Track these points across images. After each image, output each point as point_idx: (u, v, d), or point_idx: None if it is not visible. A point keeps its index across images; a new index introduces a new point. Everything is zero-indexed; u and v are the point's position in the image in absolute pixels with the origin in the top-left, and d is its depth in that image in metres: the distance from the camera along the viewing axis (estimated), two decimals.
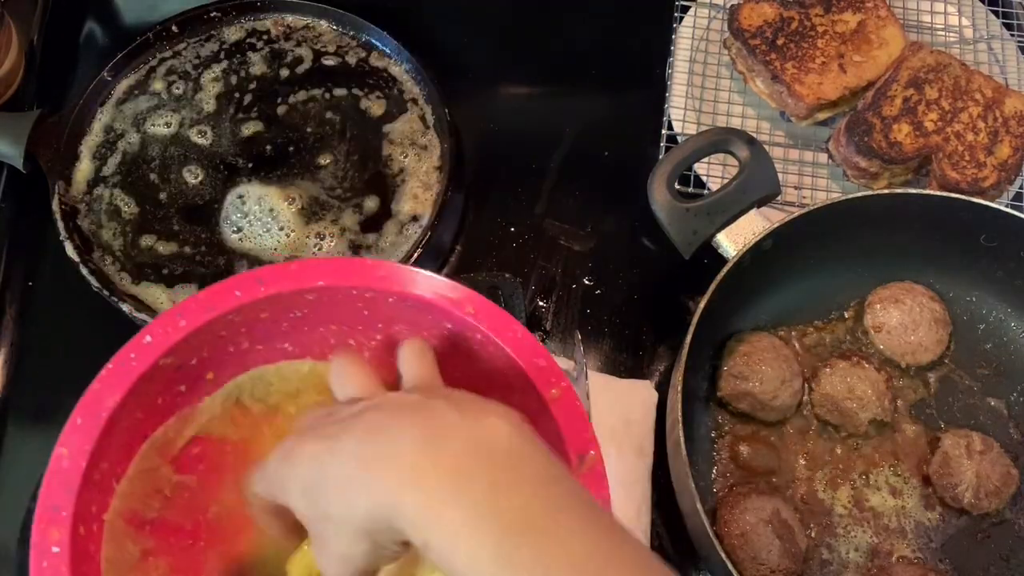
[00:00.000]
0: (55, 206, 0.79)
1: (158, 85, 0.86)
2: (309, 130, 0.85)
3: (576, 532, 0.41)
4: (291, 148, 0.84)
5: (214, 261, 0.79)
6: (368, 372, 0.50)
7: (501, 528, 0.40)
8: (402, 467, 0.41)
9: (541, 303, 0.83)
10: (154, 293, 0.77)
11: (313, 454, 0.44)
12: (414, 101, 0.87)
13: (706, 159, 0.79)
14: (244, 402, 0.62)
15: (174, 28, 0.87)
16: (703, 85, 0.89)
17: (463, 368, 0.59)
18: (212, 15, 0.89)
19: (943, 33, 0.93)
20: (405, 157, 0.84)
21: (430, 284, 0.57)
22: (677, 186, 0.73)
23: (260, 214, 0.80)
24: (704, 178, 0.84)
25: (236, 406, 0.61)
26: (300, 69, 0.88)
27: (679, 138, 0.86)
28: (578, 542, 0.41)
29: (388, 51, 0.88)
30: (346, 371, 0.50)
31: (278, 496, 0.46)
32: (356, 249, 0.79)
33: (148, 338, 0.54)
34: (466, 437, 0.42)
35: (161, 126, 0.85)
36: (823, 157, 0.86)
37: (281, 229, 0.79)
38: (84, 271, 0.76)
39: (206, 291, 0.56)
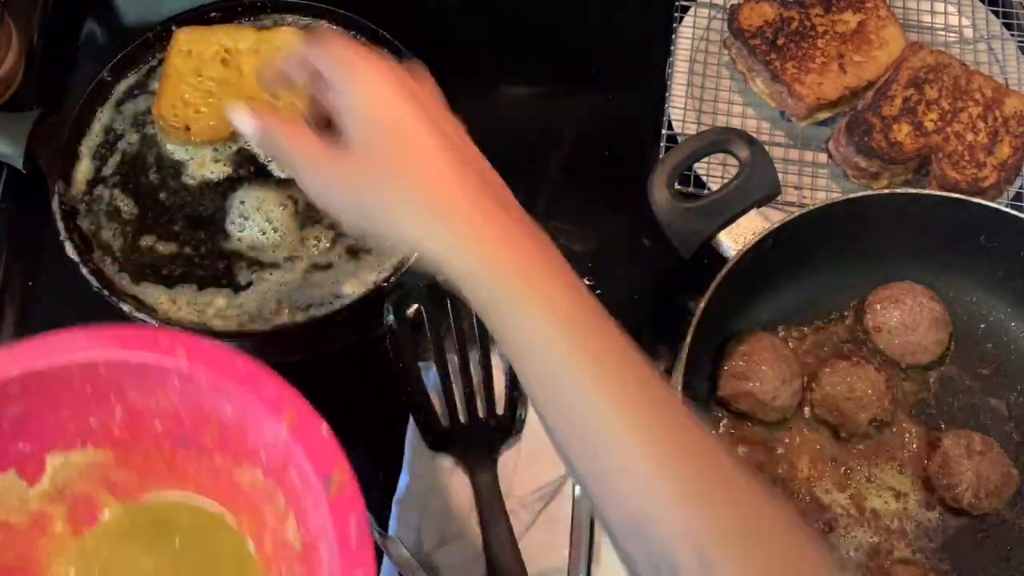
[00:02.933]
0: (55, 206, 0.79)
1: (158, 85, 0.86)
2: None
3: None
4: None
5: (214, 263, 0.79)
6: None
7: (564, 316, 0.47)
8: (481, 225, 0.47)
9: None
10: (154, 293, 0.77)
11: (428, 139, 0.49)
12: None
13: (706, 159, 0.79)
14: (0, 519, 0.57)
15: (174, 28, 0.87)
16: (703, 85, 0.89)
17: (214, 419, 0.56)
18: (212, 15, 0.89)
19: (943, 33, 0.93)
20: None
21: (132, 338, 0.54)
22: (677, 186, 0.73)
23: (259, 217, 0.80)
24: (704, 178, 0.84)
25: None
26: None
27: (679, 138, 0.86)
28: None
29: (388, 51, 0.88)
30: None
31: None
32: (355, 252, 0.78)
33: None
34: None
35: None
36: (823, 157, 0.86)
37: (275, 231, 0.79)
38: (84, 271, 0.76)
39: None
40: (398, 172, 0.48)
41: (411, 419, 0.74)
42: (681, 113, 0.88)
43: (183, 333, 0.55)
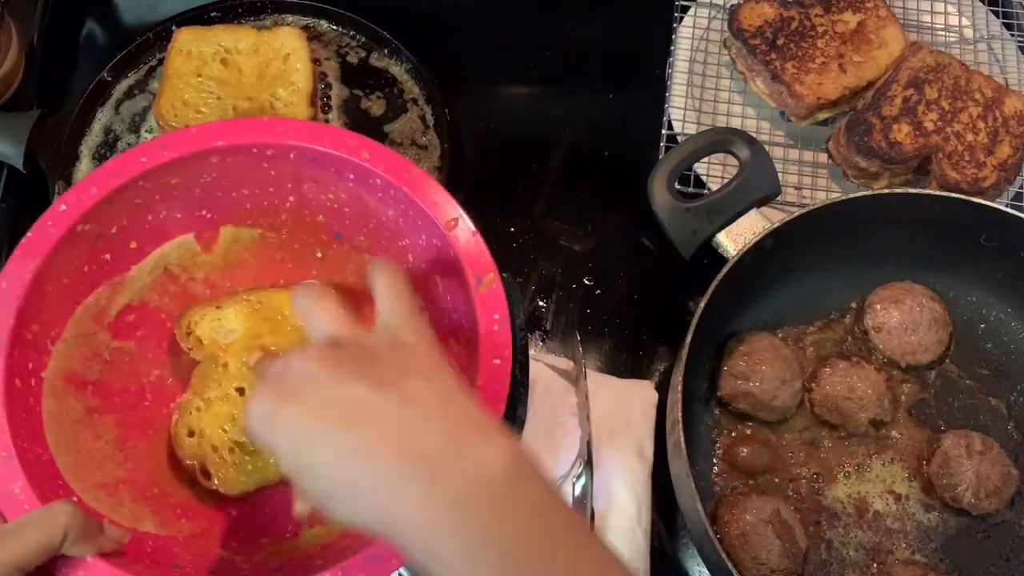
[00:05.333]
0: None
1: (158, 85, 0.86)
2: None
3: (569, 562, 0.42)
4: None
5: None
6: (342, 309, 0.49)
7: (498, 559, 0.41)
8: (406, 495, 0.41)
9: (541, 303, 0.83)
10: None
11: (303, 432, 0.43)
12: (414, 101, 0.87)
13: (706, 159, 0.79)
14: (172, 271, 0.64)
15: (174, 28, 0.87)
16: (703, 85, 0.89)
17: (374, 220, 0.62)
18: (212, 15, 0.89)
19: (943, 33, 0.93)
20: (405, 157, 0.83)
21: (325, 134, 0.60)
22: (677, 186, 0.73)
23: None
24: (704, 178, 0.84)
25: (165, 275, 0.64)
26: None
27: (679, 138, 0.86)
28: (570, 572, 0.42)
29: (388, 51, 0.88)
30: (317, 308, 0.49)
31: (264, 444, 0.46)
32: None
33: (63, 206, 0.58)
34: (469, 471, 0.42)
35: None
36: (823, 157, 0.86)
37: None
38: None
39: (114, 159, 0.59)
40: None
41: None
42: (681, 113, 0.88)
43: (369, 139, 0.60)
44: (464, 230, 0.58)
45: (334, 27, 0.90)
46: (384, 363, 0.45)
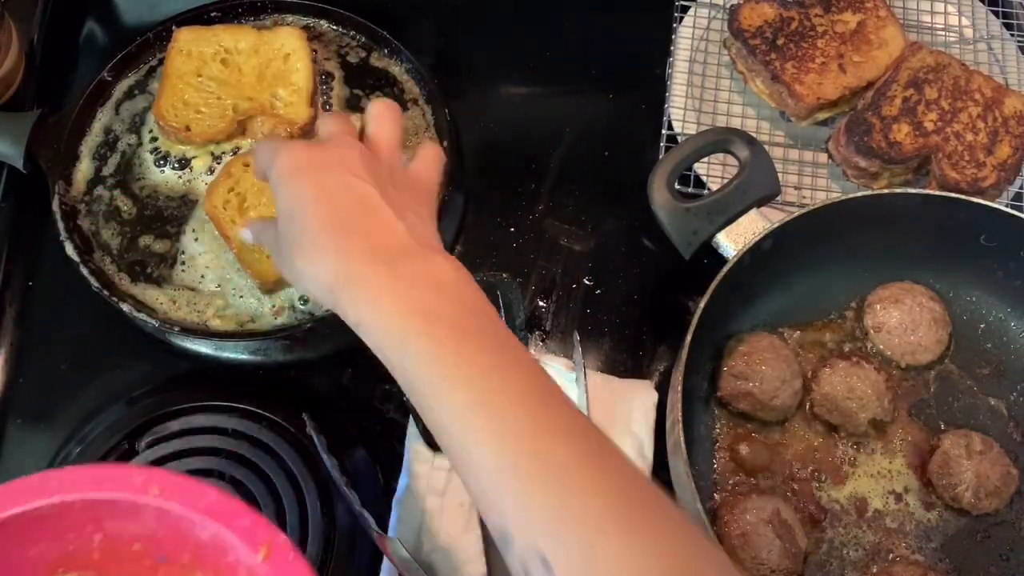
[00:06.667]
0: (55, 206, 0.79)
1: (158, 85, 0.86)
2: None
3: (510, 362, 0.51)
4: None
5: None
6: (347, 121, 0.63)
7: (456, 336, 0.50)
8: (369, 281, 0.52)
9: (541, 303, 0.83)
10: (153, 293, 0.77)
11: (310, 191, 0.55)
12: (414, 101, 0.86)
13: (706, 159, 0.79)
14: None
15: (174, 28, 0.87)
16: (703, 85, 0.89)
17: (192, 540, 0.57)
18: (212, 15, 0.89)
19: (943, 33, 0.93)
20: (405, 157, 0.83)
21: (107, 477, 0.55)
22: (677, 186, 0.73)
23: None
24: (704, 178, 0.84)
25: None
26: None
27: (679, 138, 0.86)
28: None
29: (388, 51, 0.88)
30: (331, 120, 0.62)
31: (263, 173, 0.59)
32: None
33: None
34: (419, 268, 0.52)
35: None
36: (823, 157, 0.86)
37: None
38: (84, 271, 0.76)
39: None
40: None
41: (411, 419, 0.74)
42: (681, 113, 0.88)
43: (155, 469, 0.57)
44: (281, 556, 0.53)
45: (334, 27, 0.90)
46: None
